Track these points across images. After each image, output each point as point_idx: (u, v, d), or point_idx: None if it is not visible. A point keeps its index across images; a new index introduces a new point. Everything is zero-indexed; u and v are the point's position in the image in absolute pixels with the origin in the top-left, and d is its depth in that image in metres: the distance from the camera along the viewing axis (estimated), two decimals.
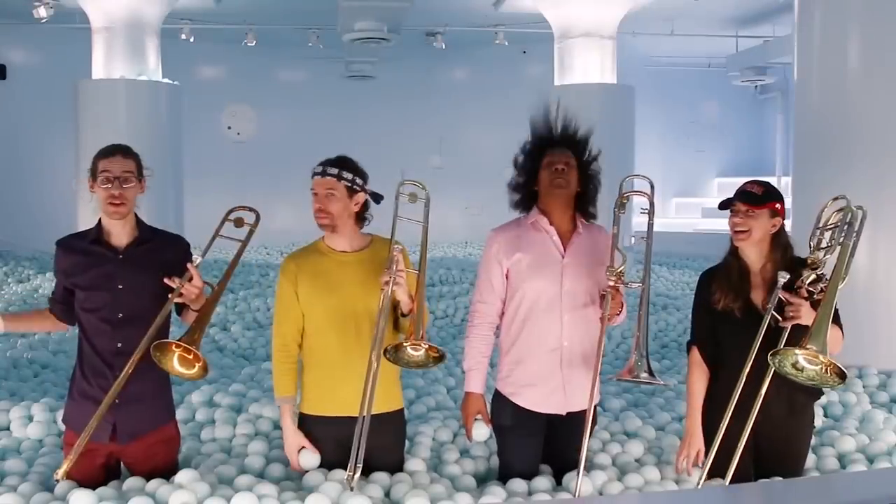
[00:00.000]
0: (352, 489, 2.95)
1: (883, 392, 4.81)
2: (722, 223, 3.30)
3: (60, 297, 3.12)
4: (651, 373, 3.07)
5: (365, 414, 2.95)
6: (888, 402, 4.72)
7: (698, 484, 3.12)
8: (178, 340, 2.83)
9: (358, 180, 3.10)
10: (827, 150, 5.46)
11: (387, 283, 2.94)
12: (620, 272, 3.07)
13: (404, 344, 2.93)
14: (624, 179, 3.30)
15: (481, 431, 3.25)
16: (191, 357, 2.84)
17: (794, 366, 2.87)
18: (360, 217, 3.18)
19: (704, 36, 15.26)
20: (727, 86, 17.47)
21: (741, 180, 3.32)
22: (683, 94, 17.85)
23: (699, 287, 3.34)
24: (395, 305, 3.08)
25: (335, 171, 3.07)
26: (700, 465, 3.21)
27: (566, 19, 12.00)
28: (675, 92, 17.67)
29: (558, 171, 3.17)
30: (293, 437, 3.16)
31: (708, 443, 3.41)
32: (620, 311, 3.17)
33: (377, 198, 3.17)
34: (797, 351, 2.84)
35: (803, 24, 5.73)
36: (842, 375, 2.80)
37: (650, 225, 3.28)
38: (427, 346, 2.92)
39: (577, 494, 3.08)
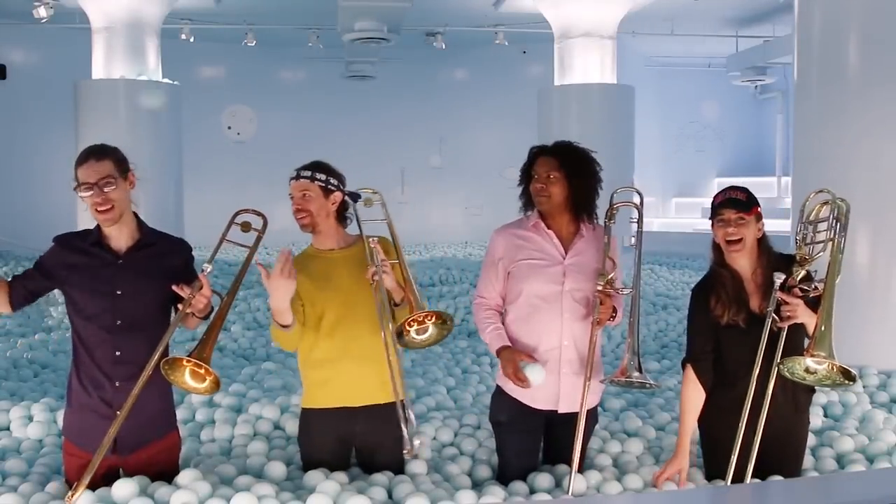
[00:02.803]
0: (416, 456, 3.06)
1: (883, 392, 4.81)
2: None
3: (26, 276, 2.99)
4: (643, 374, 3.10)
5: (402, 398, 2.99)
6: (888, 402, 4.72)
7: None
8: (189, 356, 2.76)
9: (332, 181, 3.20)
10: (827, 150, 5.46)
11: (374, 274, 3.00)
12: (611, 279, 3.13)
13: (408, 327, 2.99)
14: (615, 192, 3.33)
15: (536, 374, 3.13)
16: (202, 371, 2.79)
17: (806, 370, 2.88)
18: (342, 216, 3.26)
19: (704, 36, 15.25)
20: (727, 86, 17.46)
21: (741, 180, 3.32)
22: (683, 94, 17.84)
23: (694, 303, 3.28)
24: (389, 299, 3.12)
25: (308, 173, 3.19)
26: (681, 485, 3.21)
27: (566, 19, 11.98)
28: (675, 92, 17.67)
29: (537, 188, 3.24)
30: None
31: (714, 446, 3.40)
32: (615, 316, 3.20)
33: (354, 197, 3.25)
34: (805, 357, 2.84)
35: (803, 24, 5.73)
36: (847, 374, 2.80)
37: (639, 233, 3.33)
38: (432, 320, 2.99)
39: (569, 493, 3.11)
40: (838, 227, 3.09)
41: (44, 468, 3.51)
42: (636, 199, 3.38)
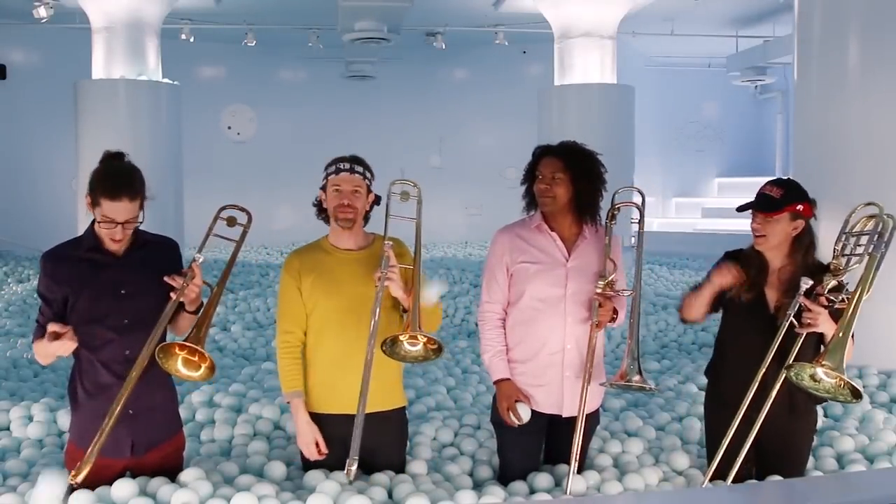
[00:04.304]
0: (351, 482, 2.94)
1: (883, 392, 4.81)
2: (722, 223, 3.31)
3: (52, 315, 2.87)
4: (642, 378, 3.09)
5: (362, 409, 2.96)
6: (888, 402, 4.72)
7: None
8: (184, 341, 2.77)
9: (372, 180, 3.19)
10: (827, 150, 5.46)
11: (379, 279, 2.97)
12: (611, 281, 3.12)
13: (400, 337, 2.96)
14: (616, 191, 3.31)
15: (524, 413, 3.19)
16: (196, 358, 2.79)
17: (811, 377, 2.86)
18: (367, 216, 3.23)
19: (704, 36, 15.24)
20: (727, 86, 17.45)
21: (741, 180, 3.32)
22: (683, 94, 17.82)
23: (719, 261, 3.27)
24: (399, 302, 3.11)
25: (361, 169, 3.14)
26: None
27: (566, 19, 11.99)
28: (675, 92, 17.65)
29: (542, 189, 3.20)
30: (308, 429, 3.12)
31: (709, 442, 3.41)
32: (616, 318, 3.20)
33: (377, 199, 3.23)
34: (814, 366, 2.82)
35: (803, 24, 5.73)
36: (855, 392, 2.78)
37: (640, 234, 3.31)
38: (425, 339, 2.95)
39: (567, 492, 3.11)
40: (879, 242, 3.01)
41: (44, 468, 3.51)
42: (638, 200, 3.36)
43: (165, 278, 2.84)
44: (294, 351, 3.19)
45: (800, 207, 3.11)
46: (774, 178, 3.25)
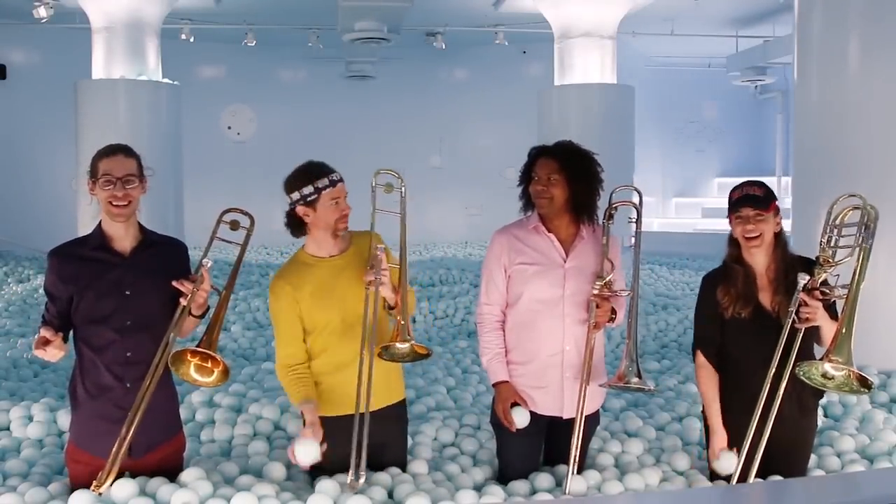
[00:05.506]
0: (355, 491, 2.93)
1: (883, 392, 4.81)
2: (722, 223, 3.28)
3: (56, 313, 2.90)
4: (641, 379, 3.09)
5: (363, 411, 2.96)
6: (888, 402, 4.72)
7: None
8: (196, 346, 2.76)
9: None
10: (827, 150, 5.45)
11: (371, 282, 2.97)
12: (608, 282, 3.12)
13: (392, 340, 2.99)
14: (613, 191, 3.30)
15: (522, 418, 3.19)
16: (209, 364, 2.79)
17: (823, 375, 2.86)
18: None
19: (704, 36, 15.25)
20: (727, 86, 17.46)
21: (741, 180, 3.30)
22: (683, 94, 17.83)
23: (703, 292, 3.29)
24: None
25: (340, 176, 3.17)
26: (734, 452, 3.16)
27: (566, 19, 11.99)
28: (675, 92, 17.66)
29: (538, 190, 3.19)
30: (315, 430, 3.04)
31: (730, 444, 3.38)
32: (614, 318, 3.19)
33: None
34: (823, 362, 2.83)
35: (803, 24, 5.73)
36: (864, 382, 2.79)
37: (638, 234, 3.30)
38: (412, 343, 2.97)
39: (566, 492, 3.11)
40: (866, 233, 3.04)
41: (44, 468, 3.51)
42: (635, 199, 3.36)
43: (174, 284, 2.83)
44: (297, 369, 3.15)
45: (778, 204, 3.16)
46: (747, 179, 3.25)
